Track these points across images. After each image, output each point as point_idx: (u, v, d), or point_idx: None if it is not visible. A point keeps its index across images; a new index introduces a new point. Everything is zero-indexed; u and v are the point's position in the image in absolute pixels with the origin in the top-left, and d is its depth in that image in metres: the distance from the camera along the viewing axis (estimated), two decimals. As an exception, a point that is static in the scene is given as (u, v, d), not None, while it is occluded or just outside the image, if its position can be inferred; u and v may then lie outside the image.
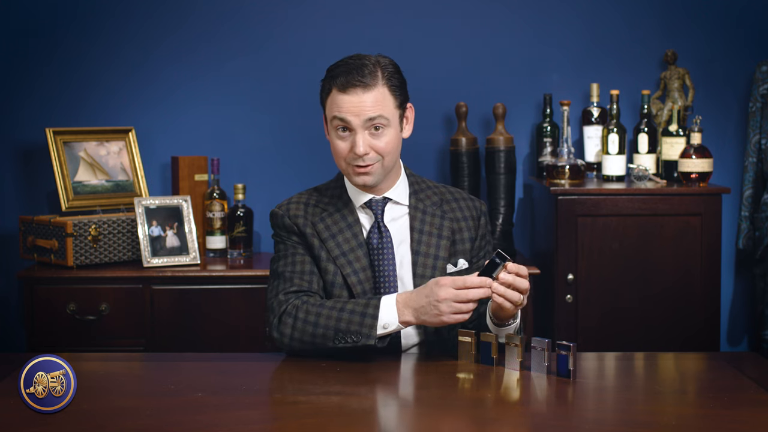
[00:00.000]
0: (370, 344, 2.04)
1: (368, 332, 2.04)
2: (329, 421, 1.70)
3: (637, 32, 3.56)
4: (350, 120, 2.10)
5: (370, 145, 2.12)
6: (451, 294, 1.99)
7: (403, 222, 2.23)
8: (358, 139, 2.11)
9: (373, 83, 2.11)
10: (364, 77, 2.10)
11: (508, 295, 1.99)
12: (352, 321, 2.05)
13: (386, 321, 2.05)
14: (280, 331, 2.10)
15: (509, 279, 1.99)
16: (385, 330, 2.05)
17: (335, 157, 2.17)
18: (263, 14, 3.54)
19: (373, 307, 2.06)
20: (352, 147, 2.12)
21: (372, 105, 2.10)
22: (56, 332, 3.12)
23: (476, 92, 3.55)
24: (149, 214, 3.23)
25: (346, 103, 2.10)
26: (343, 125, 2.12)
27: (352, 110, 2.10)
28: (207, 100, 3.56)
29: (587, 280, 3.13)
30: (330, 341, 2.06)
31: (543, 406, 1.85)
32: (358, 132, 2.11)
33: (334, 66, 2.16)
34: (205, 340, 3.13)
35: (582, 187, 3.15)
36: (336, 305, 2.09)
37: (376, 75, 2.12)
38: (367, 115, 2.10)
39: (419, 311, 2.03)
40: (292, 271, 2.17)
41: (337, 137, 2.14)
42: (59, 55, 3.51)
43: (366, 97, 2.10)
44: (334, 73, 2.13)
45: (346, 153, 2.13)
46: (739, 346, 3.63)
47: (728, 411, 1.77)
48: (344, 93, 2.10)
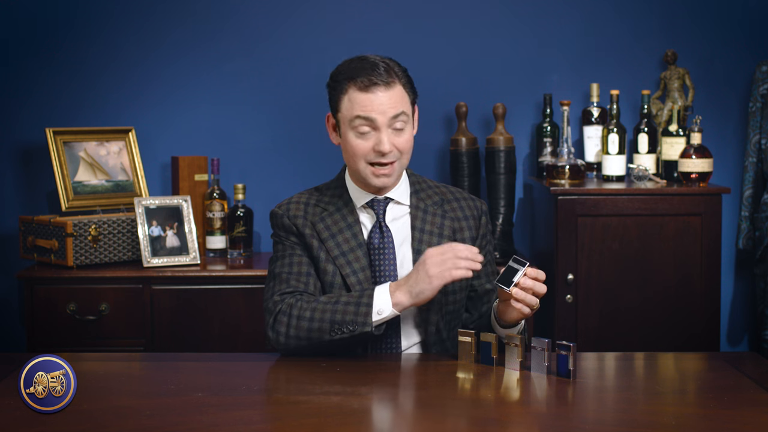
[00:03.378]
0: (367, 331, 2.05)
1: (364, 320, 2.05)
2: (329, 421, 1.70)
3: (637, 32, 3.56)
4: (376, 118, 2.10)
5: (393, 143, 2.12)
6: (435, 253, 2.03)
7: (404, 221, 2.23)
8: (383, 137, 2.10)
9: (393, 81, 2.11)
10: (382, 75, 2.10)
11: (528, 300, 2.00)
12: (347, 311, 2.06)
13: (380, 307, 2.06)
14: (275, 330, 2.10)
15: (530, 284, 2.00)
16: (380, 316, 2.06)
17: (352, 158, 2.15)
18: (263, 14, 3.54)
19: (367, 296, 2.07)
20: (373, 146, 2.11)
21: (395, 102, 2.11)
22: (56, 332, 3.12)
23: (476, 92, 3.55)
24: (149, 214, 3.23)
25: (371, 101, 2.09)
26: (366, 124, 2.11)
27: (377, 108, 2.09)
28: (207, 100, 3.56)
29: (587, 280, 3.13)
30: (326, 334, 2.06)
31: (543, 406, 1.85)
32: (382, 130, 2.11)
33: (344, 68, 2.15)
34: (205, 340, 3.13)
35: (582, 187, 3.15)
36: (330, 299, 2.10)
37: (393, 73, 2.12)
38: (391, 113, 2.10)
39: (410, 285, 2.05)
40: (289, 272, 2.17)
41: (357, 136, 2.12)
42: (59, 55, 3.51)
43: (389, 95, 2.10)
44: (349, 74, 2.12)
45: (367, 152, 2.12)
46: (739, 346, 3.63)
47: (728, 411, 1.77)
48: (367, 92, 2.09)
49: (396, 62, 2.17)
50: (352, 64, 2.14)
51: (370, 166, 2.14)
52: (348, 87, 2.11)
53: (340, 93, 2.13)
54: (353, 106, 2.11)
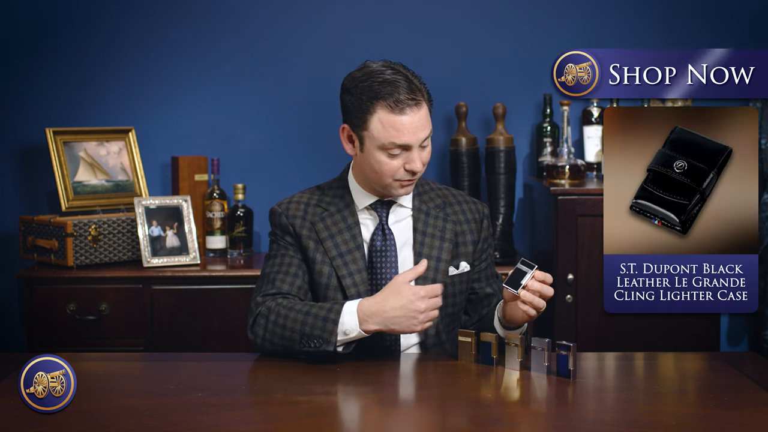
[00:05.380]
0: (330, 351, 2.02)
1: (328, 338, 2.02)
2: (329, 421, 1.70)
3: (637, 32, 3.56)
4: (412, 144, 2.06)
5: (422, 160, 2.10)
6: (431, 304, 2.01)
7: (406, 224, 2.23)
8: (415, 157, 2.07)
9: (421, 98, 2.07)
10: (413, 92, 2.05)
11: (536, 303, 2.00)
12: (315, 325, 2.03)
13: (347, 327, 2.03)
14: (254, 332, 2.11)
15: (537, 287, 2.00)
16: (346, 336, 2.03)
17: (378, 175, 2.10)
18: (263, 14, 3.54)
19: (335, 312, 2.03)
20: (404, 164, 2.08)
21: (425, 123, 2.08)
22: (56, 332, 3.12)
23: (476, 92, 3.55)
24: (149, 214, 3.23)
25: (405, 126, 2.04)
26: (399, 148, 2.07)
27: (411, 131, 2.05)
28: (207, 100, 3.56)
29: (587, 280, 3.13)
30: (297, 344, 2.05)
31: (543, 406, 1.85)
32: (414, 150, 2.07)
33: (366, 80, 2.07)
34: (205, 340, 3.13)
35: (582, 187, 3.15)
36: (303, 308, 2.07)
37: (418, 88, 2.08)
38: (423, 135, 2.08)
39: (390, 321, 2.01)
40: (276, 273, 2.17)
41: (389, 157, 2.07)
42: (59, 55, 3.51)
43: (420, 116, 2.06)
44: (376, 92, 2.05)
45: (396, 170, 2.09)
46: (739, 346, 3.63)
47: (728, 411, 1.77)
48: (401, 114, 2.04)
49: (410, 71, 2.11)
50: (377, 78, 2.06)
51: (398, 181, 2.11)
52: (376, 107, 2.05)
53: (367, 113, 2.06)
54: (386, 130, 2.05)
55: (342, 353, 2.05)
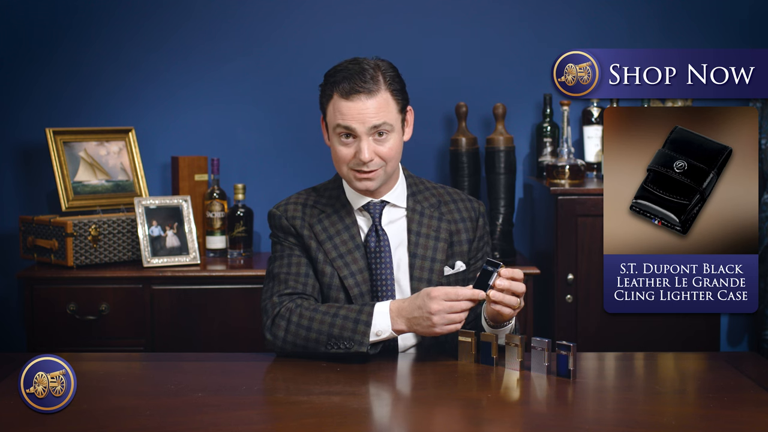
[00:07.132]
0: (362, 351, 2.04)
1: (361, 339, 2.04)
2: (329, 421, 1.70)
3: (637, 32, 3.56)
4: (355, 127, 2.09)
5: (375, 151, 2.10)
6: (444, 306, 1.99)
7: (400, 224, 2.23)
8: (363, 146, 2.09)
9: (376, 89, 2.09)
10: (366, 83, 2.08)
11: (506, 300, 2.00)
12: (345, 327, 2.05)
13: (379, 328, 2.05)
14: (272, 333, 2.10)
15: (505, 284, 1.99)
16: (377, 337, 2.05)
17: (336, 162, 2.15)
18: (263, 14, 3.54)
19: (366, 314, 2.05)
20: (356, 153, 2.10)
21: (376, 112, 2.09)
22: (56, 332, 3.12)
23: (476, 92, 3.55)
24: (149, 214, 3.23)
25: (350, 110, 2.08)
26: (347, 132, 2.10)
27: (356, 117, 2.08)
28: (207, 100, 3.56)
29: (587, 280, 3.13)
30: (322, 346, 2.06)
31: (543, 406, 1.85)
32: (363, 139, 2.09)
33: (333, 71, 2.13)
34: (205, 340, 3.13)
35: (582, 187, 3.15)
36: (330, 310, 2.08)
37: (378, 80, 2.10)
38: (372, 123, 2.09)
39: (412, 322, 2.04)
40: (287, 273, 2.17)
41: (340, 144, 2.12)
42: (59, 55, 3.51)
43: (370, 104, 2.08)
44: (334, 79, 2.11)
45: (349, 159, 2.12)
46: (739, 346, 3.63)
47: (728, 411, 1.77)
48: (347, 100, 2.08)
49: (390, 66, 2.14)
50: (339, 68, 2.12)
51: (352, 170, 2.13)
52: (333, 92, 2.11)
53: (326, 98, 2.13)
54: (335, 113, 2.10)
55: (370, 353, 2.07)
